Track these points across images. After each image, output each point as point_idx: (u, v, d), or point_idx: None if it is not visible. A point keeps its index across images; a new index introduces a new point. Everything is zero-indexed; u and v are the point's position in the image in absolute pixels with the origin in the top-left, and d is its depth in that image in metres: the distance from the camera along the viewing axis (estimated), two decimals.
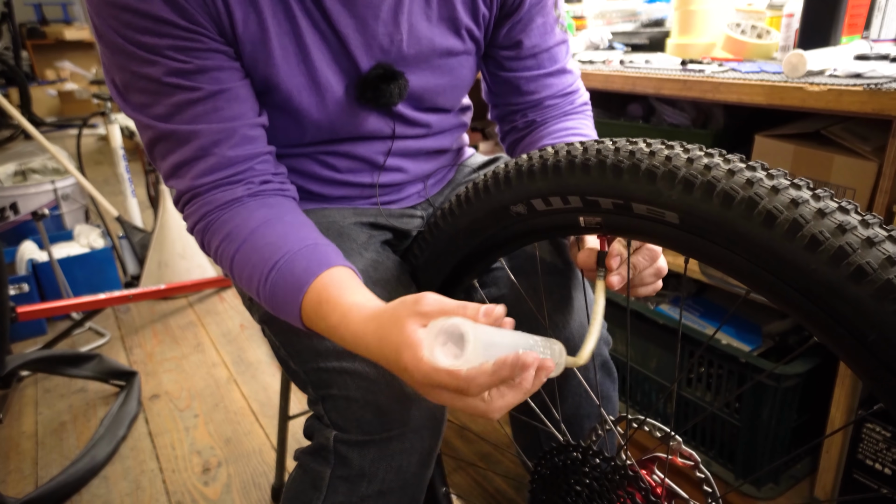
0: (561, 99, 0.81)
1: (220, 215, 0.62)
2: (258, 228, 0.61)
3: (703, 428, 1.21)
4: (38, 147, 4.21)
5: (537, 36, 0.76)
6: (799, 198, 0.43)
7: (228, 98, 0.62)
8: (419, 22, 0.70)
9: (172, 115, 0.60)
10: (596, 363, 0.79)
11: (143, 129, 0.62)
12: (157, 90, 0.59)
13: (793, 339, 1.15)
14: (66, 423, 1.60)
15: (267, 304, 0.60)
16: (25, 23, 6.50)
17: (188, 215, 0.65)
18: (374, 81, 0.68)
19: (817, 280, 0.41)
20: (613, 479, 0.60)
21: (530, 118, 0.81)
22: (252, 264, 0.60)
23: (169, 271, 2.23)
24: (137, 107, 0.61)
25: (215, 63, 0.60)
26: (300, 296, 0.57)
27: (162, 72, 0.58)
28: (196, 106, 0.60)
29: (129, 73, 0.59)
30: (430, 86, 0.74)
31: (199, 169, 0.62)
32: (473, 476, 1.35)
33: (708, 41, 1.16)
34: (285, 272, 0.58)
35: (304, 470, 0.67)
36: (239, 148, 0.63)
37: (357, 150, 0.76)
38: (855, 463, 1.00)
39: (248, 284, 0.61)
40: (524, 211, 0.60)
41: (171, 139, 0.61)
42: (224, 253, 0.62)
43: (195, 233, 0.65)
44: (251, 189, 0.63)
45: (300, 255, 0.59)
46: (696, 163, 0.47)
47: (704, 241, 0.48)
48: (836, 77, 0.82)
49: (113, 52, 0.58)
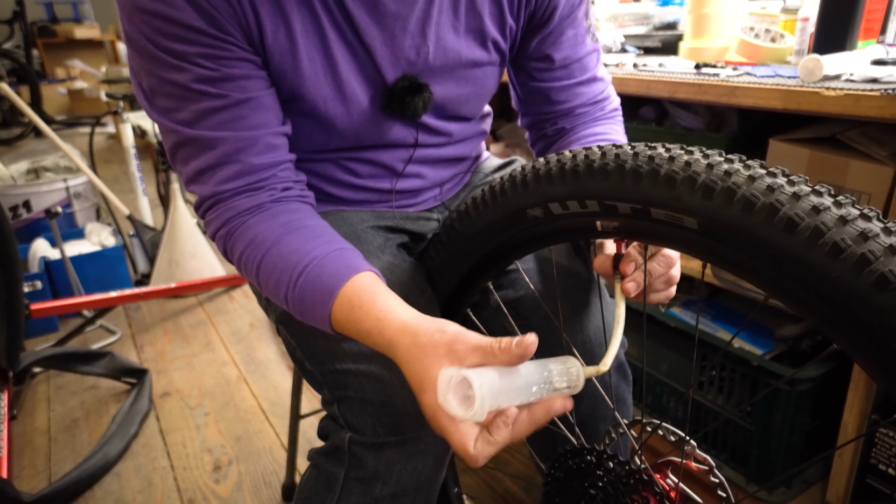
0: (592, 106, 0.81)
1: (244, 221, 0.63)
2: (283, 234, 0.61)
3: (715, 431, 1.20)
4: (50, 145, 4.24)
5: (568, 48, 0.76)
6: (820, 204, 0.43)
7: (254, 107, 0.62)
8: (447, 34, 0.70)
9: (197, 121, 0.61)
10: (612, 366, 0.79)
11: (167, 133, 0.63)
12: (184, 96, 0.60)
13: (806, 344, 1.14)
14: (79, 419, 1.62)
15: (295, 310, 0.60)
16: (36, 21, 6.55)
17: (210, 221, 0.65)
18: (400, 94, 0.69)
19: (839, 287, 0.41)
20: (628, 482, 0.61)
21: (560, 125, 0.81)
22: (280, 270, 0.60)
23: (179, 270, 2.24)
24: (162, 111, 0.61)
25: (243, 72, 0.61)
26: (331, 301, 0.57)
27: (190, 78, 0.59)
28: (221, 113, 0.61)
29: (157, 78, 0.60)
30: (453, 95, 0.74)
31: (222, 175, 0.62)
32: (483, 477, 1.36)
33: (721, 45, 1.16)
34: (314, 277, 0.58)
35: (318, 470, 0.67)
36: (262, 156, 0.63)
37: (379, 157, 0.76)
38: (868, 468, 0.99)
39: (276, 290, 0.61)
40: (541, 214, 0.60)
41: (194, 145, 0.62)
42: (249, 259, 0.62)
43: (217, 239, 0.65)
44: (273, 195, 0.64)
45: (328, 259, 0.59)
46: (716, 168, 0.47)
47: (723, 247, 0.48)
48: (852, 82, 0.82)
49: (142, 56, 0.59)
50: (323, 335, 0.67)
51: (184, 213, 2.27)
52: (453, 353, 0.49)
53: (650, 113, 1.34)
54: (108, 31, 6.83)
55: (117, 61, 6.37)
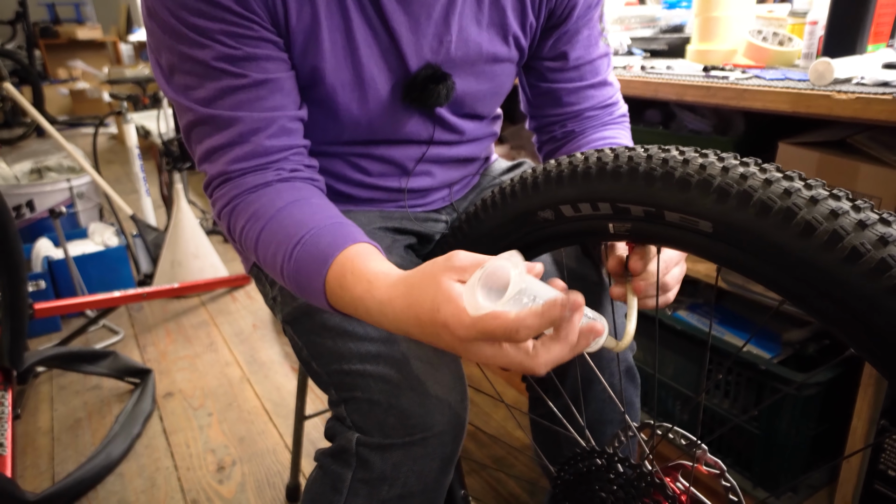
0: (600, 111, 0.81)
1: (247, 197, 0.62)
2: (284, 208, 0.60)
3: (721, 435, 1.20)
4: (53, 145, 4.24)
5: (582, 48, 0.76)
6: (839, 209, 0.42)
7: (272, 88, 0.62)
8: (469, 25, 0.70)
9: (215, 100, 0.61)
10: (620, 368, 0.79)
11: (183, 111, 0.63)
12: (204, 73, 0.60)
13: (812, 348, 1.14)
14: (82, 419, 1.61)
15: (291, 282, 0.59)
16: (38, 22, 6.57)
17: (217, 199, 0.65)
18: (423, 81, 0.68)
19: (856, 292, 0.41)
20: (639, 486, 0.60)
21: (569, 128, 0.81)
22: (277, 241, 0.59)
23: (182, 270, 2.24)
24: (180, 89, 0.61)
25: (264, 52, 0.61)
26: (324, 269, 0.55)
27: (211, 56, 0.59)
28: (239, 93, 0.61)
29: (177, 55, 0.60)
30: (471, 91, 0.74)
31: (233, 155, 0.62)
32: (487, 479, 1.35)
33: (729, 48, 1.16)
34: (310, 247, 0.57)
35: (324, 472, 0.67)
36: (276, 138, 0.63)
37: (391, 154, 0.76)
38: (876, 473, 0.99)
39: (273, 262, 0.59)
40: (552, 216, 0.60)
41: (210, 123, 0.62)
42: (249, 233, 0.61)
43: (222, 216, 0.65)
44: (281, 175, 0.63)
45: (325, 230, 0.58)
46: (731, 171, 0.47)
47: (738, 251, 0.48)
48: (863, 85, 0.82)
49: (164, 31, 0.59)
50: (330, 335, 0.67)
51: (187, 213, 2.27)
52: (455, 269, 0.47)
53: (656, 116, 1.33)
54: (109, 33, 6.84)
55: (119, 62, 6.37)
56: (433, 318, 0.46)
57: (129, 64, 5.90)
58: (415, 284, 0.49)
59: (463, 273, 0.47)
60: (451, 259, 0.47)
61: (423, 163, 0.78)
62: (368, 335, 0.66)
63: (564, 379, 0.81)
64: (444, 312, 0.45)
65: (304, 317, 0.70)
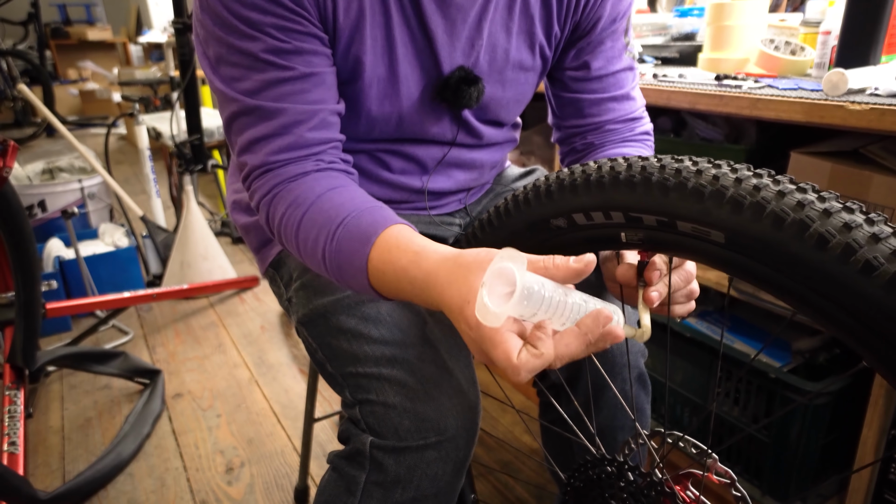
0: (622, 125, 0.81)
1: (287, 185, 0.63)
2: (324, 194, 0.62)
3: (730, 444, 1.20)
4: (64, 145, 4.27)
5: (604, 59, 0.77)
6: (852, 221, 0.43)
7: (316, 82, 0.64)
8: (499, 32, 0.72)
9: (260, 91, 0.62)
10: (632, 375, 0.79)
11: (228, 102, 0.64)
12: (251, 65, 0.61)
13: (822, 357, 1.14)
14: (92, 419, 1.63)
15: (332, 265, 0.60)
16: (49, 23, 6.63)
17: (256, 189, 0.66)
18: (457, 83, 0.70)
19: (870, 304, 0.41)
20: (649, 494, 0.60)
21: (589, 140, 0.82)
22: (319, 225, 0.60)
23: (191, 271, 2.25)
24: (226, 80, 0.63)
25: (311, 47, 0.63)
26: (367, 247, 0.57)
27: (260, 48, 0.61)
28: (285, 85, 0.62)
29: (226, 47, 0.61)
30: (496, 97, 0.76)
31: (275, 146, 0.63)
32: (494, 484, 1.36)
33: (741, 56, 1.16)
34: (352, 227, 0.58)
35: (338, 474, 0.68)
36: (317, 131, 0.64)
37: (414, 152, 0.77)
38: (886, 483, 0.99)
39: (314, 247, 0.61)
40: (564, 224, 0.60)
41: (254, 114, 0.63)
42: (290, 219, 0.62)
43: (261, 206, 0.66)
44: (319, 166, 0.65)
45: (366, 212, 0.59)
46: (744, 183, 0.48)
47: (750, 262, 0.48)
48: (877, 96, 0.82)
49: (214, 23, 0.61)
50: (346, 338, 0.68)
51: (196, 215, 2.29)
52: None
53: (667, 124, 1.34)
54: (119, 34, 6.90)
55: (128, 63, 6.43)
56: (460, 305, 0.48)
57: (138, 65, 5.95)
58: (461, 265, 0.50)
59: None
60: (496, 253, 0.48)
61: (442, 165, 0.79)
62: (384, 338, 0.66)
63: (576, 384, 0.82)
64: (467, 308, 0.47)
65: (320, 319, 0.71)
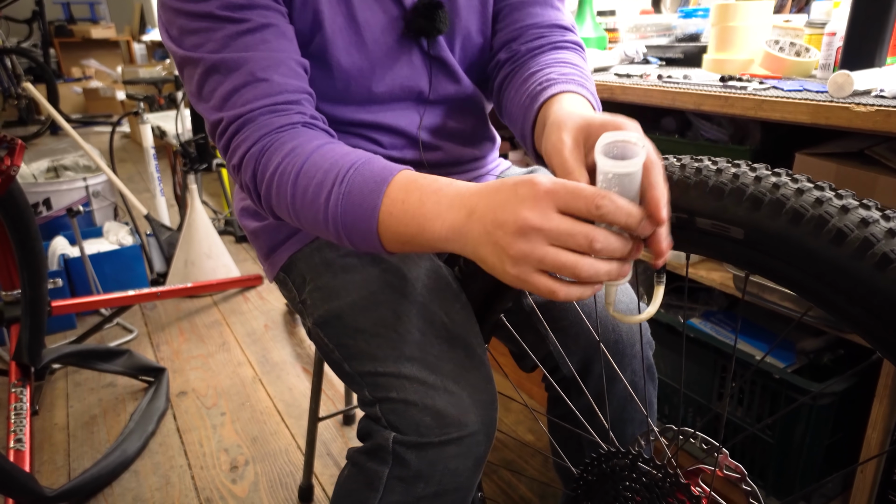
0: (547, 30, 0.78)
1: (279, 136, 0.63)
2: (325, 144, 0.61)
3: (735, 443, 1.21)
4: (69, 144, 4.27)
5: None
6: (869, 217, 0.44)
7: (276, 34, 0.66)
8: None
9: (223, 48, 0.64)
10: (643, 367, 0.80)
11: (194, 65, 0.65)
12: (210, 27, 0.63)
13: (827, 357, 1.15)
14: (97, 416, 1.63)
15: (337, 208, 0.57)
16: (53, 21, 6.63)
17: (238, 144, 0.64)
18: (426, 7, 0.72)
19: (886, 298, 0.42)
20: (664, 486, 0.61)
21: (514, 49, 0.78)
22: (326, 169, 0.59)
23: (195, 270, 2.26)
24: (190, 48, 0.65)
25: (264, 2, 0.65)
26: (384, 186, 0.55)
27: (216, 5, 0.63)
28: (246, 37, 0.64)
29: (185, 16, 0.64)
30: (464, 22, 0.77)
31: (251, 94, 0.63)
32: (498, 482, 1.36)
33: (746, 58, 1.17)
34: (365, 170, 0.57)
35: (357, 469, 0.68)
36: (288, 77, 0.65)
37: (396, 121, 0.78)
38: (890, 483, 0.99)
39: (316, 193, 0.59)
40: None
41: (220, 69, 0.64)
42: (287, 167, 0.61)
43: (247, 159, 0.63)
44: (304, 119, 0.65)
45: (376, 159, 0.59)
46: (763, 181, 0.49)
47: (768, 257, 0.49)
48: (883, 98, 0.83)
49: None
50: (363, 337, 0.68)
51: (200, 213, 2.29)
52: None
53: (671, 124, 1.35)
54: (123, 32, 6.90)
55: (132, 61, 6.43)
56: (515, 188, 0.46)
57: (142, 63, 5.95)
58: (505, 181, 0.49)
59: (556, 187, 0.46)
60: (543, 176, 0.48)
61: (431, 135, 0.80)
62: (402, 337, 0.67)
63: (587, 378, 0.82)
64: (525, 181, 0.46)
65: (335, 319, 0.72)
